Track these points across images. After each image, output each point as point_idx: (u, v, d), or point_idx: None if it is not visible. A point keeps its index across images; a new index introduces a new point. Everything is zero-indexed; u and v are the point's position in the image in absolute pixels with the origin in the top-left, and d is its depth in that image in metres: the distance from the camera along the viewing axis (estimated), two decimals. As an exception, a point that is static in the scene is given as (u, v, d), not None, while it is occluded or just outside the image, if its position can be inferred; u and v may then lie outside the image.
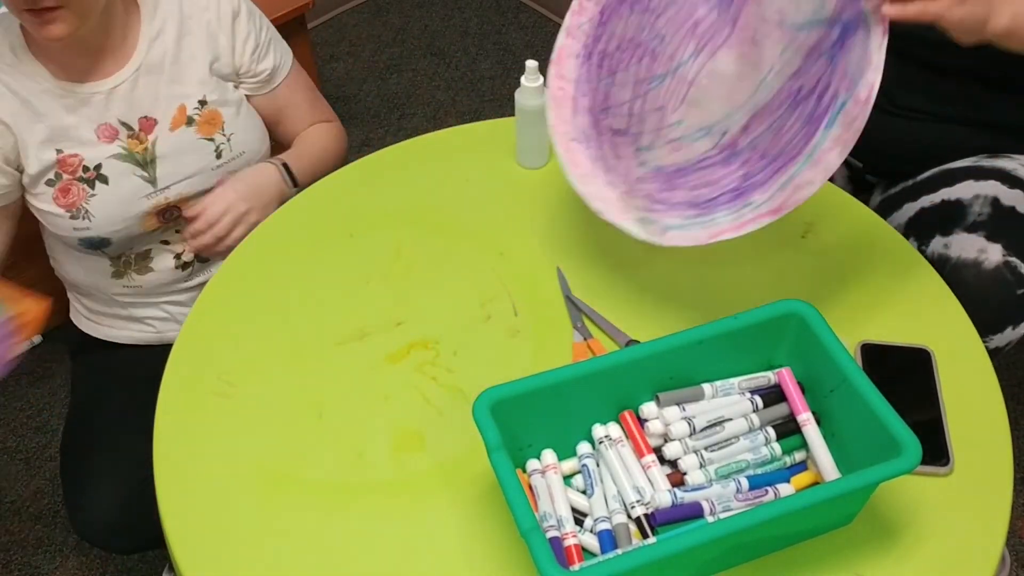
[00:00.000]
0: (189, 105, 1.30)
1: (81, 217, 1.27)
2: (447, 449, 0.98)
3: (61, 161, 1.24)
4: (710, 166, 0.98)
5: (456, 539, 0.91)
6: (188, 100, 1.29)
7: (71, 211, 1.26)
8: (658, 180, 0.98)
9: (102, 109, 1.25)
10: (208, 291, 1.15)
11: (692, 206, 0.96)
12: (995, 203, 1.22)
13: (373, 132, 2.39)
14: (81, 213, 1.26)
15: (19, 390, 1.86)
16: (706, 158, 0.98)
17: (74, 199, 1.26)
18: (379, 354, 1.07)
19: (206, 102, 1.30)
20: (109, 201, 1.27)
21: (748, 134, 0.97)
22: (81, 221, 1.27)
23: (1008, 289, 1.17)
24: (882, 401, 0.85)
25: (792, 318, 0.93)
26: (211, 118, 1.31)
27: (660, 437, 0.92)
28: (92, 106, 1.25)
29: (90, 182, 1.26)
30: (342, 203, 1.25)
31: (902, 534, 0.90)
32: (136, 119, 1.27)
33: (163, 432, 1.01)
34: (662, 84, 1.03)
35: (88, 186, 1.26)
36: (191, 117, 1.30)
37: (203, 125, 1.31)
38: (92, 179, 1.26)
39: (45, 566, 1.61)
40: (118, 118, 1.26)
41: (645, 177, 0.98)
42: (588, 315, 1.10)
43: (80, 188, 1.25)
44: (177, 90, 1.29)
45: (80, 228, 1.27)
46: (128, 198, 1.27)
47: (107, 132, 1.26)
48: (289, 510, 0.94)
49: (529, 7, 2.73)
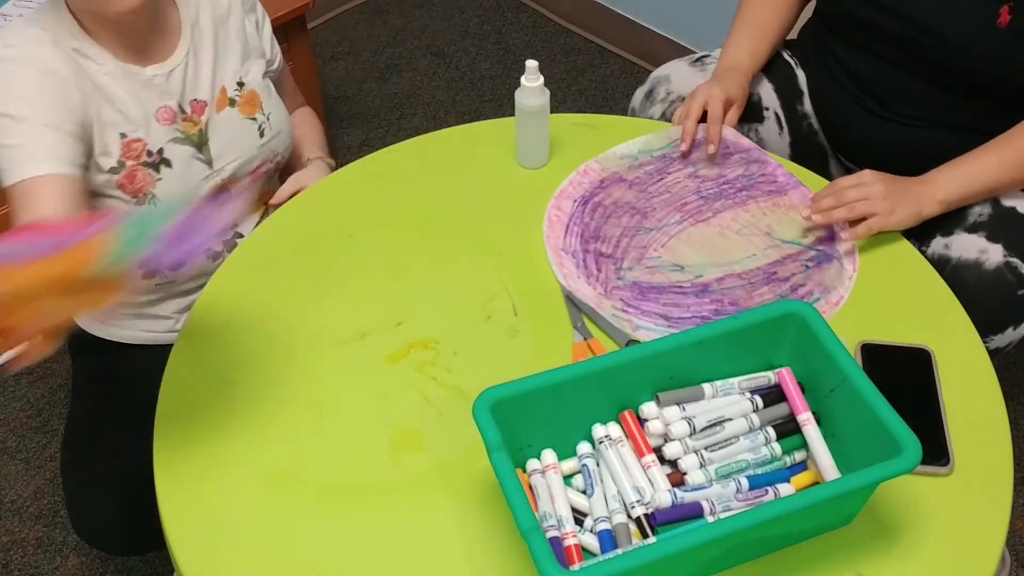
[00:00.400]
0: (229, 87, 1.32)
1: (148, 202, 1.27)
2: (447, 449, 0.98)
3: (125, 146, 1.24)
4: (683, 293, 1.13)
5: (456, 539, 0.91)
6: (228, 83, 1.32)
7: (137, 197, 1.26)
8: (633, 291, 1.13)
9: (162, 92, 1.26)
10: (208, 291, 1.15)
11: (663, 318, 1.10)
12: (995, 204, 1.22)
13: (373, 132, 2.39)
14: (148, 199, 1.26)
15: (19, 390, 1.86)
16: (679, 286, 1.13)
17: (141, 184, 1.26)
18: (379, 354, 1.07)
19: (243, 83, 1.34)
20: (174, 185, 1.28)
21: (721, 284, 1.14)
22: (147, 207, 1.27)
23: (1009, 289, 1.17)
24: (882, 401, 0.85)
25: (792, 318, 0.93)
26: (250, 99, 1.34)
27: (660, 437, 0.92)
28: (153, 89, 1.25)
29: (155, 166, 1.26)
30: (342, 203, 1.25)
31: (902, 534, 0.90)
32: (189, 101, 1.29)
33: (163, 432, 1.01)
34: (648, 233, 1.19)
35: (154, 170, 1.26)
36: (232, 98, 1.33)
37: (244, 106, 1.34)
38: (157, 163, 1.26)
39: (45, 566, 1.61)
40: (176, 101, 1.28)
41: (621, 287, 1.13)
42: (588, 315, 1.10)
43: (146, 173, 1.26)
44: (218, 73, 1.32)
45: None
46: (191, 180, 1.29)
47: (166, 115, 1.27)
48: (289, 510, 0.94)
49: (529, 7, 2.73)
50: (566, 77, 2.50)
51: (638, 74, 2.49)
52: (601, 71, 2.52)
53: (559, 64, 2.54)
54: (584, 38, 2.62)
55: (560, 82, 2.48)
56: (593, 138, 1.33)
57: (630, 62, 2.53)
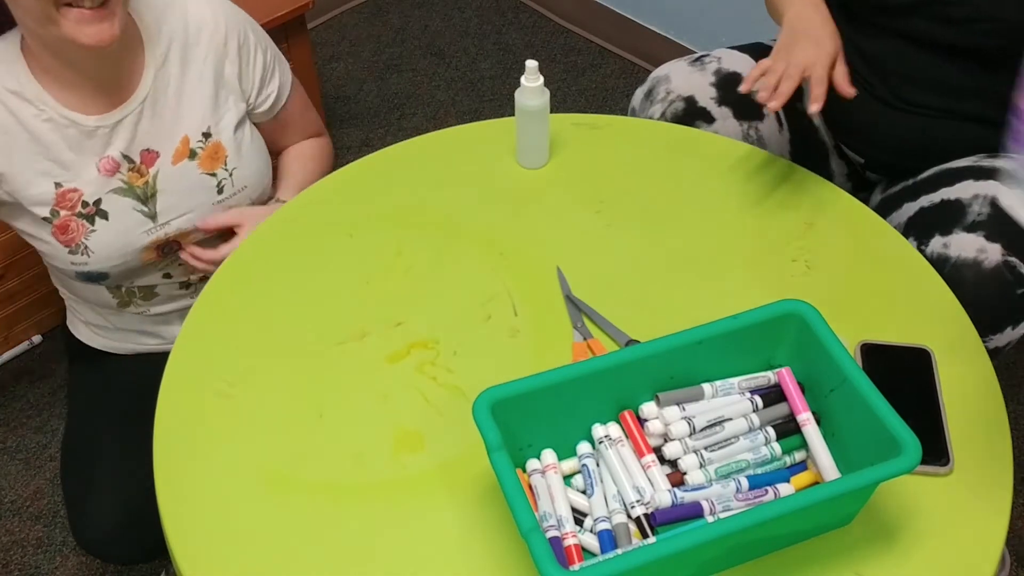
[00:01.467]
0: (192, 137, 1.25)
1: (80, 252, 1.23)
2: (447, 449, 0.98)
3: (60, 196, 1.19)
4: None
5: (456, 539, 0.91)
6: (192, 132, 1.25)
7: (69, 247, 1.22)
8: None
9: (105, 142, 1.20)
10: (208, 292, 1.15)
11: None
12: (994, 203, 1.22)
13: (373, 132, 2.39)
14: (80, 249, 1.23)
15: (19, 390, 1.86)
16: None
17: (73, 235, 1.21)
18: (379, 354, 1.07)
19: (210, 134, 1.26)
20: (108, 237, 1.23)
21: None
22: (79, 256, 1.23)
23: (1008, 289, 1.17)
24: (882, 401, 0.85)
25: (792, 318, 0.93)
26: (214, 152, 1.26)
27: (660, 437, 0.92)
28: (96, 139, 1.19)
29: (89, 218, 1.21)
30: (342, 203, 1.25)
31: (902, 534, 0.90)
32: (138, 151, 1.22)
33: (163, 433, 1.01)
34: None
35: (88, 222, 1.21)
36: (194, 150, 1.25)
37: (206, 159, 1.26)
38: (91, 215, 1.21)
39: (45, 566, 1.61)
40: (120, 151, 1.21)
41: None
42: (588, 315, 1.10)
43: (79, 224, 1.21)
44: (182, 121, 1.24)
45: (78, 263, 1.24)
46: (127, 233, 1.24)
47: (108, 166, 1.21)
48: (290, 510, 0.94)
49: (529, 7, 2.73)
50: (566, 77, 2.50)
51: (638, 74, 2.49)
52: (601, 71, 2.52)
53: (559, 64, 2.54)
54: (584, 38, 2.62)
55: (560, 82, 2.48)
56: (593, 138, 1.33)
57: (630, 62, 2.53)
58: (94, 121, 1.18)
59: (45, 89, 1.15)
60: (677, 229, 1.20)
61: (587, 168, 1.28)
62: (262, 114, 1.35)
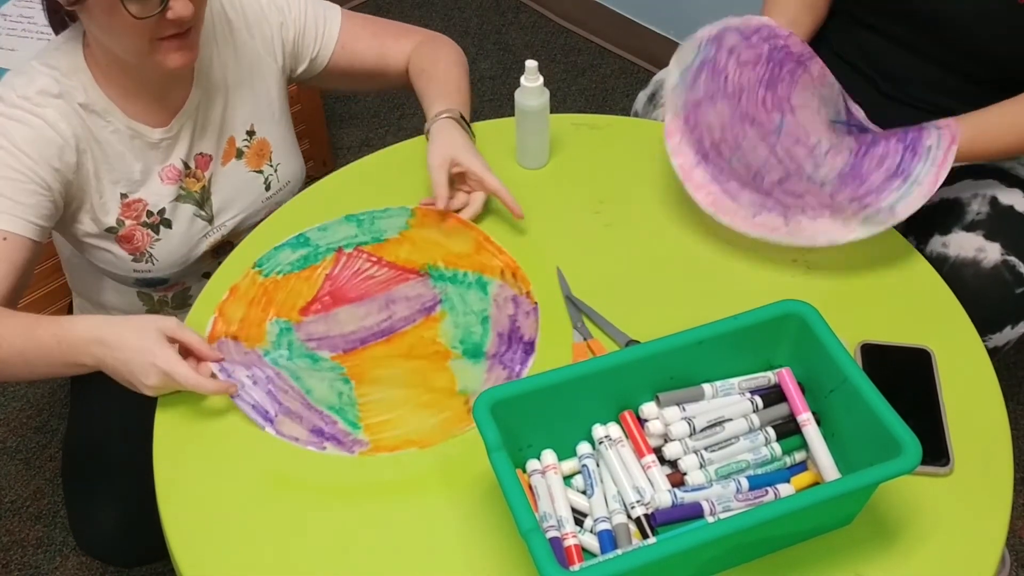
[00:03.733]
0: (238, 137, 1.27)
1: (144, 260, 1.24)
2: (447, 449, 0.98)
3: (125, 206, 1.20)
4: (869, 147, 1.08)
5: (456, 539, 0.91)
6: (237, 132, 1.27)
7: (134, 255, 1.23)
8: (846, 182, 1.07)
9: (167, 152, 1.22)
10: (207, 291, 1.15)
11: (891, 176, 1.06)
12: (993, 202, 1.22)
13: (373, 132, 2.39)
14: (145, 257, 1.23)
15: (19, 390, 1.86)
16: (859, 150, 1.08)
17: (139, 244, 1.22)
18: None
19: (254, 132, 1.28)
20: (172, 244, 1.24)
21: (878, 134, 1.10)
22: (144, 264, 1.24)
23: (1007, 288, 1.17)
24: (882, 401, 0.85)
25: (792, 318, 0.93)
26: (260, 149, 1.29)
27: (660, 437, 0.92)
28: (159, 149, 1.21)
29: (154, 227, 1.22)
30: (342, 203, 1.25)
31: (902, 534, 0.90)
32: (193, 156, 1.24)
33: (163, 434, 1.01)
34: (780, 135, 1.12)
35: (153, 231, 1.22)
36: (240, 149, 1.27)
37: (252, 157, 1.29)
38: (156, 224, 1.22)
39: (45, 566, 1.61)
40: (181, 158, 1.23)
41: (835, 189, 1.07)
42: (588, 315, 1.10)
43: (144, 233, 1.22)
44: (228, 121, 1.26)
45: (141, 270, 1.25)
46: (190, 239, 1.25)
47: (171, 174, 1.22)
48: (289, 511, 0.94)
49: (529, 7, 2.73)
50: (566, 77, 2.50)
51: (638, 74, 2.49)
52: (601, 71, 2.52)
53: (559, 64, 2.54)
54: (584, 38, 2.61)
55: (560, 82, 2.48)
56: (593, 138, 1.33)
57: (630, 62, 2.53)
58: (159, 133, 1.20)
59: (112, 101, 1.16)
60: (677, 229, 1.20)
61: (587, 168, 1.28)
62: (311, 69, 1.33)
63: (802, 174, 1.07)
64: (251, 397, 1.01)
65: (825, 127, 1.13)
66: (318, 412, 1.00)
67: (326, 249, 1.18)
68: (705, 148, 1.14)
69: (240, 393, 1.01)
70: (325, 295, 1.12)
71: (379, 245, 1.18)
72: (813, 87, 1.16)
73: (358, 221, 1.21)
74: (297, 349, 1.06)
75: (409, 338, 1.07)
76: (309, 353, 1.06)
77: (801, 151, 1.09)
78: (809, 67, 1.17)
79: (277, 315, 1.10)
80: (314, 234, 1.19)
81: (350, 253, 1.17)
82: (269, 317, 1.10)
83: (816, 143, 1.10)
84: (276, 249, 1.18)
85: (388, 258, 1.16)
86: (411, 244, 1.18)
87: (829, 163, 1.07)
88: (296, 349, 1.06)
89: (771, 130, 1.12)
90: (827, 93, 1.17)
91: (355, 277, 1.14)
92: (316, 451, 0.98)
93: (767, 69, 1.15)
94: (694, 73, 1.18)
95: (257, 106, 1.28)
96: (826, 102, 1.16)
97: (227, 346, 1.07)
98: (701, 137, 1.15)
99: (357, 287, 1.13)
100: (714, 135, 1.14)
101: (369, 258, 1.16)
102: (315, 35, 1.31)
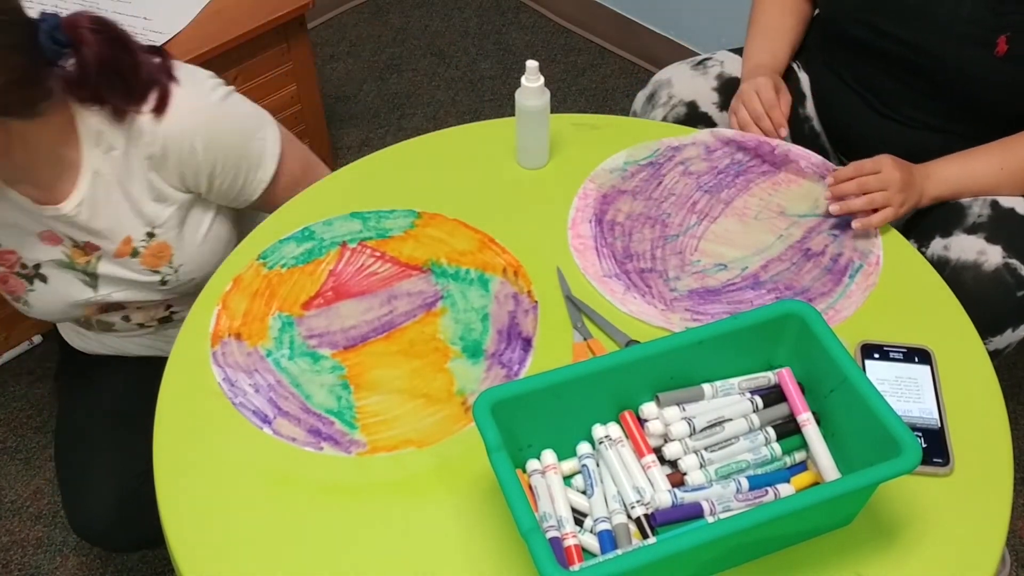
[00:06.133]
0: (136, 237, 1.19)
1: (21, 303, 1.23)
2: (447, 449, 0.98)
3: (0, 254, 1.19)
4: (740, 290, 1.12)
5: (456, 539, 0.91)
6: (135, 231, 1.18)
7: (11, 295, 1.23)
8: (693, 299, 1.11)
9: (51, 224, 1.16)
10: (208, 291, 1.15)
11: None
12: (995, 204, 1.22)
13: (373, 132, 2.39)
14: (21, 301, 1.23)
15: (19, 390, 1.86)
16: (731, 284, 1.13)
17: (13, 287, 1.21)
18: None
19: (154, 235, 1.19)
20: (47, 297, 1.22)
21: (768, 271, 1.14)
22: (21, 305, 1.24)
23: (1008, 291, 1.17)
24: (882, 401, 0.85)
25: (792, 318, 0.93)
26: (159, 251, 1.20)
27: (660, 437, 0.92)
28: (35, 216, 1.15)
29: (28, 278, 1.20)
30: (341, 203, 1.25)
31: (902, 534, 0.90)
32: (81, 240, 1.18)
33: (163, 433, 1.01)
34: (676, 240, 1.18)
35: (27, 281, 1.20)
36: (136, 249, 1.19)
37: (148, 257, 1.21)
38: (31, 276, 1.20)
39: (45, 566, 1.61)
40: (66, 234, 1.18)
41: (680, 298, 1.12)
42: (588, 315, 1.10)
43: (17, 281, 1.20)
44: (123, 223, 1.17)
45: (22, 310, 1.25)
46: (67, 296, 1.22)
47: (50, 237, 1.18)
48: (289, 510, 0.94)
49: (529, 7, 2.73)
50: (566, 77, 2.50)
51: (638, 74, 2.49)
52: (601, 71, 2.52)
53: (559, 64, 2.54)
54: (584, 38, 2.61)
55: (560, 82, 2.48)
56: (593, 138, 1.33)
57: (630, 62, 2.53)
58: (37, 209, 1.14)
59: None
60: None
61: (587, 168, 1.28)
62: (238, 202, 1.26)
63: (664, 275, 1.13)
64: (252, 404, 1.01)
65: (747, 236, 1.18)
66: (316, 415, 1.00)
67: (330, 243, 1.18)
68: (602, 216, 1.21)
69: (242, 399, 1.01)
70: (328, 290, 1.12)
71: (383, 241, 1.18)
72: (775, 190, 1.23)
73: (363, 218, 1.21)
74: (298, 348, 1.06)
75: (409, 334, 1.08)
76: (310, 352, 1.06)
77: (675, 260, 1.15)
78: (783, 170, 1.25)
79: (280, 309, 1.10)
80: (319, 228, 1.20)
81: (354, 248, 1.17)
82: (272, 312, 1.10)
83: (695, 260, 1.15)
84: (281, 242, 1.18)
85: (392, 253, 1.16)
86: (415, 241, 1.18)
87: (689, 280, 1.13)
88: (297, 348, 1.06)
89: (667, 236, 1.18)
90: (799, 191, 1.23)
91: (358, 273, 1.14)
92: (313, 451, 0.98)
93: (715, 178, 1.25)
94: (634, 169, 1.26)
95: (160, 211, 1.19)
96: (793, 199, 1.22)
97: (230, 347, 1.07)
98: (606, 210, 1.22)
99: (360, 282, 1.13)
100: (616, 215, 1.21)
101: (373, 253, 1.16)
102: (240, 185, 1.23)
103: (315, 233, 1.19)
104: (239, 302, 1.11)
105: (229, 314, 1.10)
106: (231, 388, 1.02)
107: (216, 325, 1.09)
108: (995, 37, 1.18)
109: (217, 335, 1.08)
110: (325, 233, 1.19)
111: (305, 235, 1.19)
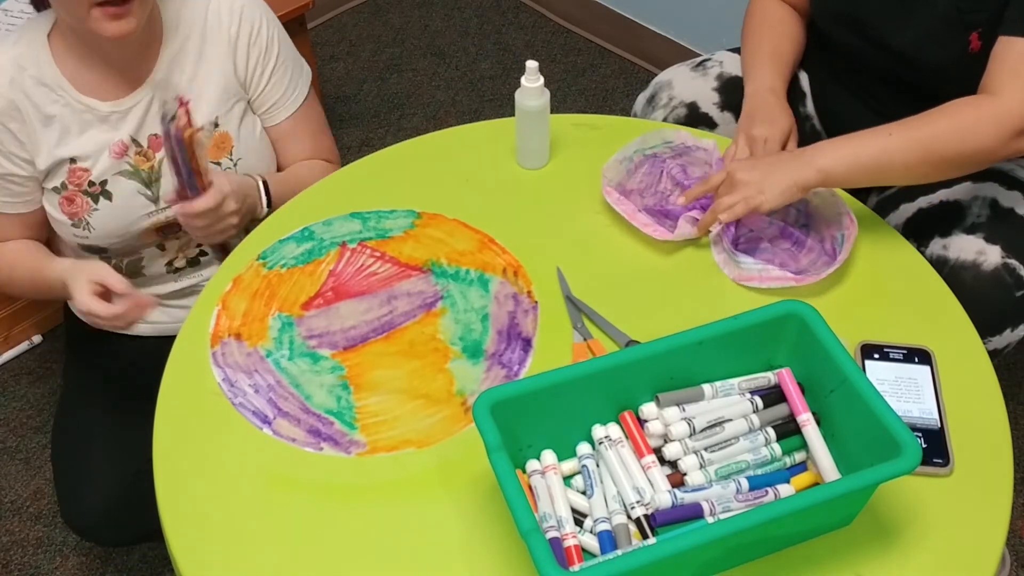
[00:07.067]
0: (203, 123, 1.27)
1: (82, 227, 1.27)
2: (447, 449, 0.98)
3: (71, 172, 1.24)
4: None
5: (456, 539, 0.91)
6: (200, 121, 1.26)
7: (73, 220, 1.27)
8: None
9: (117, 126, 1.25)
10: (208, 290, 1.15)
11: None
12: (994, 204, 1.22)
13: (373, 132, 2.39)
14: (83, 224, 1.27)
15: (19, 390, 1.86)
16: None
17: (77, 209, 1.26)
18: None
19: (217, 124, 1.29)
20: (110, 217, 1.27)
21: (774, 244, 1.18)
22: (81, 230, 1.27)
23: (1007, 291, 1.17)
24: (882, 401, 0.85)
25: (792, 318, 0.93)
26: (220, 141, 1.29)
27: (660, 438, 0.92)
28: (108, 123, 1.25)
29: (94, 196, 1.26)
30: (341, 203, 1.25)
31: (902, 534, 0.90)
32: (147, 136, 1.26)
33: (162, 432, 1.01)
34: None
35: (92, 200, 1.26)
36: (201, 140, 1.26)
37: (211, 148, 1.29)
38: (96, 194, 1.26)
39: (45, 566, 1.61)
40: (130, 134, 1.25)
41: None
42: (588, 315, 1.10)
43: (84, 200, 1.26)
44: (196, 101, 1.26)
45: (79, 236, 1.28)
46: (129, 215, 1.27)
47: (118, 148, 1.25)
48: (289, 511, 0.94)
49: (529, 7, 2.73)
50: (566, 77, 2.50)
51: (638, 74, 2.49)
52: (601, 71, 2.52)
53: (559, 64, 2.54)
54: (584, 38, 2.61)
55: (560, 82, 2.48)
56: (593, 138, 1.33)
57: (630, 62, 2.53)
58: (108, 107, 1.24)
59: (65, 75, 1.22)
60: (677, 229, 1.20)
61: (587, 168, 1.28)
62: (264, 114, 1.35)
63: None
64: (252, 404, 1.01)
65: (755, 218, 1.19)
66: (316, 415, 1.01)
67: (330, 243, 1.18)
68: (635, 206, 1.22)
69: (242, 400, 1.02)
70: (328, 290, 1.12)
71: (383, 241, 1.18)
72: None
73: (363, 218, 1.21)
74: (298, 348, 1.06)
75: (409, 334, 1.08)
76: (310, 352, 1.06)
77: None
78: None
79: (280, 310, 1.11)
80: (319, 228, 1.20)
81: (354, 248, 1.17)
82: (271, 312, 1.10)
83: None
84: (280, 242, 1.18)
85: (391, 254, 1.16)
86: (415, 241, 1.18)
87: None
88: (297, 348, 1.06)
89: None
90: None
91: (358, 273, 1.14)
92: (313, 452, 0.98)
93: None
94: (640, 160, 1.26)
95: (225, 102, 1.29)
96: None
97: (230, 347, 1.07)
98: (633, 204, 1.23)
99: (360, 283, 1.13)
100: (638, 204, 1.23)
101: (372, 253, 1.16)
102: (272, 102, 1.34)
103: (315, 233, 1.19)
104: (239, 302, 1.11)
105: (229, 314, 1.10)
106: (231, 388, 1.03)
107: (216, 325, 1.09)
108: (968, 35, 1.18)
109: (217, 335, 1.08)
110: (325, 233, 1.19)
111: (305, 235, 1.19)
